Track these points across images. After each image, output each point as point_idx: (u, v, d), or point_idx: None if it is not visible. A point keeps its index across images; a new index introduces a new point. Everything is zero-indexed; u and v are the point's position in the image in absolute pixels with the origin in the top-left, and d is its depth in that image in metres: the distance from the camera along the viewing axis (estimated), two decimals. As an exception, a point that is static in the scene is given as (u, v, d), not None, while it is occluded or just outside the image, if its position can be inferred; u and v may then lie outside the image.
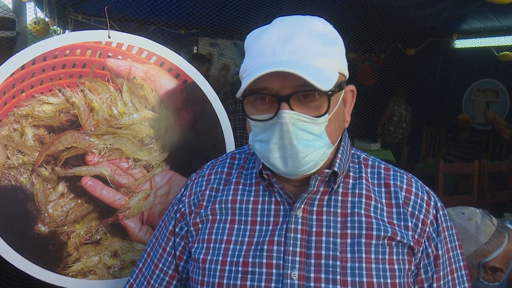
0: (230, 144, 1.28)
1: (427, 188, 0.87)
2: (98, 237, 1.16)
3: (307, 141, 0.73)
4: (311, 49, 0.73)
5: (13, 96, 1.08)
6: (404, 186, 0.84)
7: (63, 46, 1.11)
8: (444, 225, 0.84)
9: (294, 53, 0.72)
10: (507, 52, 4.45)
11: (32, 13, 3.31)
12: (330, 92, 0.71)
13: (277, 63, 0.71)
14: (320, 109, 0.73)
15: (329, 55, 0.74)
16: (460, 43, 5.27)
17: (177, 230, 0.90)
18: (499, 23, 4.45)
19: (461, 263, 0.86)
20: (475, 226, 1.26)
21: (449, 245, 0.84)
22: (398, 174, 0.86)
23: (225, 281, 0.78)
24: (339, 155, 0.82)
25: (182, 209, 0.90)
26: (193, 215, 0.87)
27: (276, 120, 0.72)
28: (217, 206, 0.85)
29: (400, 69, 4.97)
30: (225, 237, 0.82)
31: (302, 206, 0.80)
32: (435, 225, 0.83)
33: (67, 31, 3.91)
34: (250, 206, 0.84)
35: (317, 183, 0.79)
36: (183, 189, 0.94)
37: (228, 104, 3.20)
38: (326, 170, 0.79)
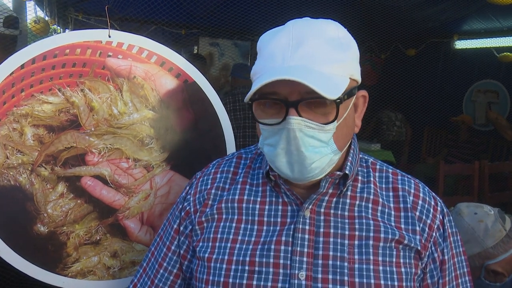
0: (230, 144, 1.28)
1: (433, 193, 0.87)
2: (98, 238, 1.16)
3: (314, 147, 0.72)
4: (321, 54, 0.72)
5: (13, 95, 1.07)
6: (412, 191, 0.84)
7: (63, 45, 1.11)
8: (450, 230, 0.84)
9: (304, 59, 0.71)
10: (508, 53, 4.45)
11: (32, 12, 3.31)
12: (339, 100, 0.70)
13: (286, 69, 0.70)
14: (329, 116, 0.72)
15: (340, 61, 0.73)
16: (461, 44, 5.26)
17: (181, 228, 0.90)
18: (500, 24, 4.44)
19: (465, 269, 0.86)
20: (484, 229, 1.25)
21: (454, 251, 0.85)
22: (406, 178, 0.87)
23: (231, 280, 0.78)
24: (350, 158, 0.82)
25: (187, 208, 0.89)
26: (198, 213, 0.87)
27: (284, 125, 0.71)
28: (223, 205, 0.85)
29: (400, 69, 4.96)
30: (231, 236, 0.82)
31: (310, 206, 0.80)
32: (442, 230, 0.83)
33: (67, 30, 3.90)
34: (257, 206, 0.83)
35: (327, 185, 0.79)
36: (188, 187, 0.94)
37: (224, 103, 3.20)
38: (338, 172, 0.79)
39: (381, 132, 5.37)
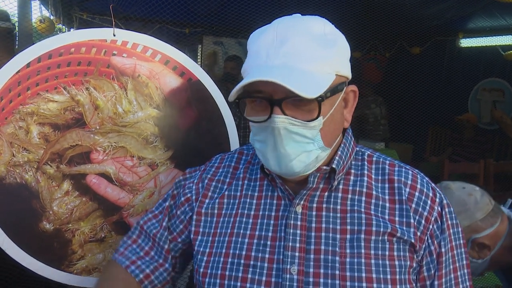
0: (234, 142, 1.28)
1: (433, 184, 0.86)
2: (103, 235, 1.16)
3: (299, 143, 0.74)
4: (305, 52, 0.73)
5: (19, 93, 1.08)
6: (409, 182, 0.83)
7: (68, 44, 1.11)
8: (449, 222, 0.83)
9: (287, 56, 0.72)
10: (514, 51, 4.42)
11: (38, 11, 3.33)
12: (320, 98, 0.71)
13: (269, 68, 0.72)
14: (313, 112, 0.73)
15: (325, 58, 0.74)
16: (466, 42, 5.22)
17: (178, 212, 0.92)
18: (505, 21, 4.41)
19: (464, 262, 0.85)
20: (474, 202, 1.27)
21: (453, 243, 0.83)
22: (403, 169, 0.85)
23: (227, 273, 0.80)
24: (339, 153, 0.82)
25: (188, 195, 0.92)
26: (198, 203, 0.89)
27: (269, 123, 0.73)
28: (225, 200, 0.88)
29: (405, 68, 4.94)
30: (229, 230, 0.84)
31: (302, 202, 0.81)
32: (439, 222, 0.82)
33: (72, 30, 3.92)
34: (254, 201, 0.85)
35: (316, 179, 0.80)
36: (189, 175, 0.96)
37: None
38: (324, 167, 0.80)
39: (367, 133, 5.25)
